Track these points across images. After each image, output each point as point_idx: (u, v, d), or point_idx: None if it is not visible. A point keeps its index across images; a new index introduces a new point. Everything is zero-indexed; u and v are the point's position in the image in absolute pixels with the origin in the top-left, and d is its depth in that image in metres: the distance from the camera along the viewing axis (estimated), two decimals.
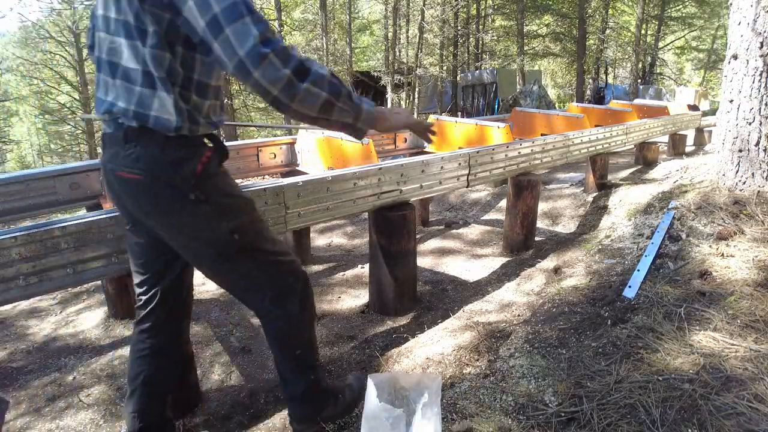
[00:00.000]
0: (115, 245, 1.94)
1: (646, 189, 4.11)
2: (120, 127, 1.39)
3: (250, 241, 1.54)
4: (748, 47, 2.94)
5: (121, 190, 1.45)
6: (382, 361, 2.40)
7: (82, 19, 16.05)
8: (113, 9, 1.33)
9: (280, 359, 1.73)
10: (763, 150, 2.94)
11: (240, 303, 3.01)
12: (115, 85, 1.38)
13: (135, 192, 1.42)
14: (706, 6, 19.43)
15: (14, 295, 1.79)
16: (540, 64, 23.67)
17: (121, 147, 1.40)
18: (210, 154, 1.46)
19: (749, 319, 1.95)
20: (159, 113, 1.35)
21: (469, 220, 4.78)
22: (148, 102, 1.35)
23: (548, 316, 2.45)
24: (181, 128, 1.37)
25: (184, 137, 1.40)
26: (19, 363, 2.75)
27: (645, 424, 1.51)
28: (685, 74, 29.45)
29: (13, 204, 2.72)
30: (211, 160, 1.46)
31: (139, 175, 1.39)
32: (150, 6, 1.27)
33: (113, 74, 1.38)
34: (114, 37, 1.35)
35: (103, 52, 1.40)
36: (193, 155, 1.42)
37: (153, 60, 1.31)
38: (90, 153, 16.99)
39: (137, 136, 1.38)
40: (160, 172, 1.38)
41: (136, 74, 1.34)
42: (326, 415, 1.78)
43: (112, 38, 1.36)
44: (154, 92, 1.34)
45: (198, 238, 1.48)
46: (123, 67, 1.36)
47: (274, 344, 1.70)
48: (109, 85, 1.40)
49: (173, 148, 1.39)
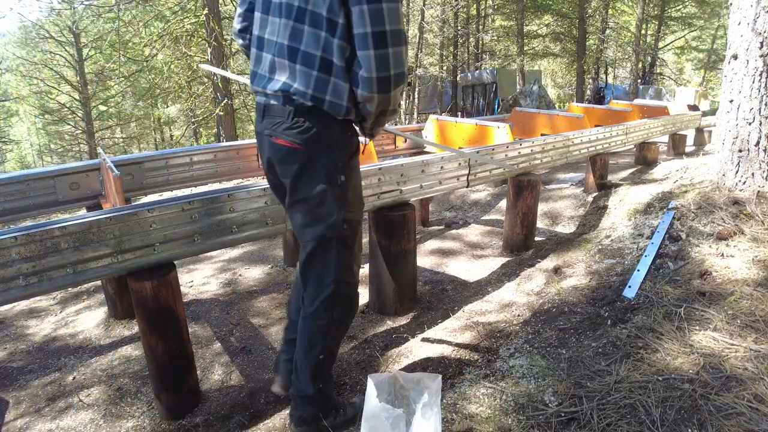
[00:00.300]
0: (115, 245, 1.94)
1: (646, 189, 4.11)
2: (291, 102, 1.54)
3: (348, 238, 1.69)
4: (748, 47, 2.94)
5: (274, 154, 1.63)
6: (382, 361, 2.40)
7: (82, 19, 16.04)
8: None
9: (302, 357, 1.77)
10: (763, 150, 2.94)
11: (240, 303, 2.99)
12: (292, 68, 1.53)
13: (287, 158, 1.60)
14: (706, 6, 19.43)
15: (14, 295, 1.79)
16: (540, 64, 23.67)
17: (286, 119, 1.56)
18: (358, 146, 1.65)
19: (749, 319, 1.95)
20: (333, 98, 1.52)
21: (469, 220, 4.78)
22: (323, 87, 1.51)
23: (548, 316, 2.45)
24: (349, 114, 1.56)
25: (347, 122, 1.60)
26: (19, 363, 2.75)
27: (645, 424, 1.51)
28: (685, 74, 29.45)
29: (13, 204, 2.72)
30: (357, 152, 1.65)
31: (299, 146, 1.56)
32: (344, 2, 1.41)
33: (291, 57, 1.52)
34: (296, 24, 1.49)
35: (276, 35, 1.55)
36: (348, 142, 1.62)
37: (338, 50, 1.47)
38: (90, 153, 16.97)
39: (307, 113, 1.54)
40: (319, 148, 1.56)
41: (314, 60, 1.49)
42: (326, 423, 1.80)
43: (293, 24, 1.49)
44: (329, 78, 1.50)
45: (315, 212, 1.62)
46: (303, 51, 1.50)
47: (305, 342, 1.76)
48: (284, 66, 1.54)
49: (336, 130, 1.58)
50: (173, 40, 10.69)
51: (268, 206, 2.34)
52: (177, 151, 3.32)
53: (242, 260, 4.07)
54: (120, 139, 21.55)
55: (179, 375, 2.14)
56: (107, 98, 19.28)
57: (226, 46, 10.59)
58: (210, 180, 3.47)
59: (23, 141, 28.25)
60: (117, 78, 16.93)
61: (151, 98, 17.93)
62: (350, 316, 1.81)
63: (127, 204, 2.29)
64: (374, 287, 2.96)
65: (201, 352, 2.67)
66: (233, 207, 2.23)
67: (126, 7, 11.58)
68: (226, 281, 3.65)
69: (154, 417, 2.20)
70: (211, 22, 9.64)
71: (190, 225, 2.12)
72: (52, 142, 22.91)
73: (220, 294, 3.42)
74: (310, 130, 1.55)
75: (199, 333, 2.88)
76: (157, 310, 2.01)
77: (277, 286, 3.50)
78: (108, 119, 20.08)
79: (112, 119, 20.42)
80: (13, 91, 21.63)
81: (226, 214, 2.21)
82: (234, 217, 2.24)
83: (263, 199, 2.32)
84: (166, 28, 10.80)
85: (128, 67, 15.43)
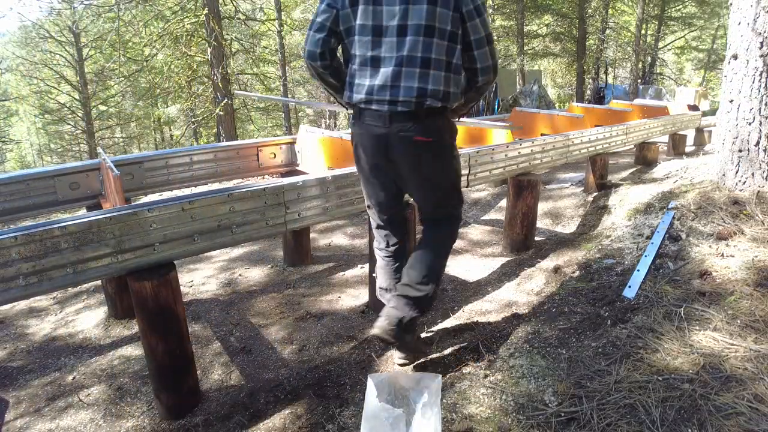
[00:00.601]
0: (115, 245, 1.94)
1: (646, 189, 4.11)
2: (420, 106, 1.90)
3: (457, 184, 2.23)
4: (748, 47, 2.94)
5: (407, 149, 1.96)
6: (382, 361, 2.40)
7: (82, 19, 16.05)
8: (423, 18, 1.84)
9: (423, 265, 2.12)
10: (763, 150, 2.94)
11: (240, 303, 3.01)
12: (425, 73, 1.88)
13: (422, 150, 1.97)
14: (706, 6, 19.42)
15: (14, 294, 1.79)
16: (540, 64, 23.65)
17: (417, 121, 1.92)
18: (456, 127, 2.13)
19: (749, 319, 1.95)
20: (455, 90, 1.97)
21: (469, 220, 4.78)
22: (450, 83, 1.93)
23: (548, 316, 2.45)
24: (458, 100, 2.04)
25: (452, 111, 2.07)
26: (19, 363, 2.75)
27: (645, 424, 1.51)
28: (685, 74, 29.44)
29: (13, 204, 2.72)
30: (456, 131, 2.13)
31: (430, 138, 1.95)
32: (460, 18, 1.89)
33: (424, 65, 1.88)
34: (425, 38, 1.86)
35: (396, 51, 1.88)
36: (453, 126, 2.09)
37: (457, 53, 1.93)
38: (90, 153, 16.97)
39: (435, 112, 1.94)
40: (443, 136, 2.02)
41: (443, 64, 1.90)
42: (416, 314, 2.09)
43: (423, 39, 1.86)
44: (452, 76, 1.94)
45: (440, 177, 2.10)
46: (435, 59, 1.88)
47: (430, 251, 2.17)
48: (414, 73, 1.88)
49: (448, 119, 2.04)
50: (173, 39, 10.69)
51: (268, 206, 2.34)
52: (177, 150, 3.32)
53: (242, 260, 4.07)
54: (120, 139, 21.55)
55: (179, 375, 2.14)
56: (107, 98, 19.27)
57: (226, 45, 10.60)
58: (210, 180, 3.47)
59: (23, 141, 28.25)
60: (117, 78, 16.93)
61: (151, 98, 17.94)
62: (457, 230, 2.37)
63: (127, 204, 2.29)
64: (374, 287, 2.95)
65: (201, 352, 2.67)
66: (233, 207, 2.23)
67: (126, 7, 11.58)
68: (226, 281, 3.65)
69: (154, 417, 2.20)
70: (211, 22, 9.64)
71: (190, 225, 2.12)
72: (52, 141, 22.91)
73: (220, 294, 3.42)
74: (437, 125, 1.96)
75: (199, 333, 2.88)
76: (157, 310, 2.01)
77: (277, 286, 3.50)
78: (108, 119, 20.07)
79: (112, 119, 20.41)
80: (13, 91, 21.63)
81: (226, 214, 2.22)
82: (234, 217, 2.24)
83: (263, 199, 2.32)
84: (166, 27, 10.80)
85: (128, 66, 15.43)
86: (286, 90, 12.42)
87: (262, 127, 19.39)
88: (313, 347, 2.65)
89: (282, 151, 3.74)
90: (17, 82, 20.91)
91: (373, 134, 1.97)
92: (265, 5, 14.81)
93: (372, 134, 1.98)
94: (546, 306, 2.59)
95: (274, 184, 2.36)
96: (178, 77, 12.29)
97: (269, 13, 14.28)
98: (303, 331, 2.83)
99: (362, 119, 1.99)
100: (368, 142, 2.01)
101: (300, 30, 17.24)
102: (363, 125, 2.00)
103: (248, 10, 13.99)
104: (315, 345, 2.67)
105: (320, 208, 2.55)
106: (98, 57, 17.34)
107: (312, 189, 2.49)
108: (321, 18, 1.95)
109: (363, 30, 1.92)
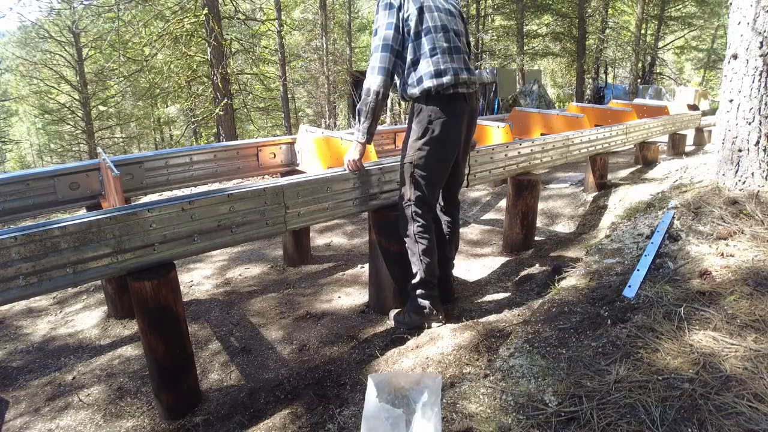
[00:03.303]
0: (114, 245, 1.94)
1: (645, 189, 4.11)
2: (473, 87, 2.48)
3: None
4: (748, 47, 2.94)
5: (473, 125, 2.61)
6: (382, 361, 2.40)
7: (81, 19, 16.03)
8: (458, 24, 2.50)
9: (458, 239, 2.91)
10: (762, 150, 2.93)
11: (240, 303, 3.01)
12: (468, 63, 2.49)
13: (475, 124, 2.63)
14: (706, 6, 19.41)
15: (14, 294, 1.79)
16: (540, 64, 23.64)
17: (475, 100, 2.55)
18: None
19: (749, 319, 1.95)
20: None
21: (468, 220, 4.78)
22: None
23: (548, 315, 2.45)
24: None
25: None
26: (19, 363, 2.75)
27: (645, 424, 1.51)
28: (685, 74, 29.44)
29: (13, 204, 2.72)
30: None
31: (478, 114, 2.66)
32: (464, 23, 2.60)
33: (468, 57, 2.51)
34: (463, 39, 2.52)
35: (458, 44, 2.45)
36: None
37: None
38: (90, 153, 16.96)
39: (475, 92, 2.55)
40: (478, 111, 2.65)
41: (469, 57, 2.55)
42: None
43: (462, 39, 2.50)
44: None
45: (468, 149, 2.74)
46: (467, 53, 2.53)
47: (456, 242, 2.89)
48: (466, 62, 2.47)
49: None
50: (173, 39, 10.68)
51: (267, 206, 2.34)
52: (177, 151, 3.32)
53: (242, 260, 4.07)
54: (120, 138, 21.52)
55: (179, 375, 2.14)
56: (107, 98, 19.26)
57: (226, 45, 10.59)
58: (210, 180, 3.47)
59: (23, 141, 28.25)
60: (117, 78, 16.91)
61: (151, 98, 17.93)
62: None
63: (127, 204, 2.29)
64: (374, 287, 2.96)
65: (201, 352, 2.68)
66: (233, 207, 2.23)
67: (126, 7, 11.58)
68: (226, 281, 3.65)
69: (153, 417, 2.20)
70: (211, 22, 9.63)
71: (189, 225, 2.12)
72: (52, 142, 22.89)
73: (220, 294, 3.42)
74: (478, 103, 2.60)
75: (199, 333, 2.88)
76: (157, 310, 2.01)
77: (276, 285, 3.50)
78: (108, 119, 20.06)
79: (112, 119, 20.40)
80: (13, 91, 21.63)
81: (226, 214, 2.21)
82: (234, 217, 2.24)
83: (263, 199, 2.32)
84: (165, 27, 10.79)
85: (128, 67, 15.41)
86: (286, 90, 12.41)
87: (262, 127, 19.36)
88: (313, 347, 2.65)
89: (282, 151, 3.74)
90: (17, 82, 20.91)
91: (459, 113, 2.44)
92: (265, 5, 14.80)
93: (459, 113, 2.44)
94: (546, 306, 2.59)
95: (274, 184, 2.36)
96: (178, 77, 12.27)
97: (269, 13, 14.26)
98: (303, 331, 2.83)
99: (446, 102, 2.38)
100: (455, 121, 2.43)
101: (300, 30, 17.25)
102: (449, 107, 2.40)
103: (248, 10, 13.97)
104: (315, 345, 2.67)
105: (320, 208, 2.55)
106: (98, 57, 17.33)
107: (312, 189, 2.49)
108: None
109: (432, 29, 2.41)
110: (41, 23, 17.04)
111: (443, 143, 2.42)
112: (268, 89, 14.69)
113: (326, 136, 3.46)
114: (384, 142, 4.32)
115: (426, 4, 2.37)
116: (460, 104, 2.43)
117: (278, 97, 13.82)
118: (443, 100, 2.37)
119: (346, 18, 17.03)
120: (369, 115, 2.38)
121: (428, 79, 2.33)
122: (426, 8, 2.35)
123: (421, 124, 2.39)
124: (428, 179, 2.46)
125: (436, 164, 2.45)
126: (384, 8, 2.34)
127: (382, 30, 2.33)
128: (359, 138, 2.44)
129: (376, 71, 2.31)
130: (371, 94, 2.34)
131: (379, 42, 2.32)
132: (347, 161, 2.56)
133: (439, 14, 2.38)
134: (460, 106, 2.43)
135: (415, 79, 2.36)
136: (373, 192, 2.73)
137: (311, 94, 19.25)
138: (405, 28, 2.35)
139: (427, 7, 2.37)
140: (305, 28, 17.30)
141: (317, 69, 16.10)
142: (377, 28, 2.36)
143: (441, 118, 2.37)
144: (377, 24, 2.36)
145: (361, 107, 2.38)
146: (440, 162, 2.47)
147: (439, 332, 2.53)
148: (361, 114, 2.40)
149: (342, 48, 16.89)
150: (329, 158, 3.43)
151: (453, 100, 2.39)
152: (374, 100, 2.34)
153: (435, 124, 2.37)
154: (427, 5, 2.37)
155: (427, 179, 2.46)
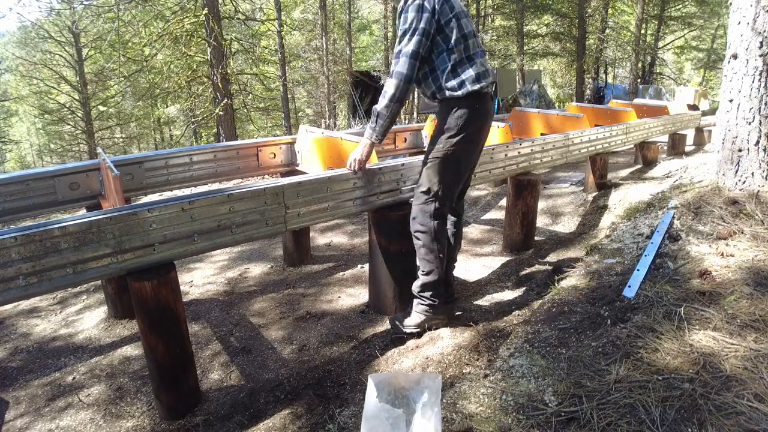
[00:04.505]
0: (114, 245, 1.94)
1: (645, 189, 4.11)
2: (491, 87, 2.50)
3: None
4: (747, 47, 2.94)
5: (490, 125, 2.64)
6: (382, 361, 2.40)
7: (81, 19, 16.04)
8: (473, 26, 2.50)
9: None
10: (762, 149, 2.93)
11: (240, 303, 3.01)
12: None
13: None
14: (706, 6, 19.41)
15: (14, 295, 1.79)
16: (540, 64, 23.63)
17: (492, 100, 2.54)
18: None
19: (749, 319, 1.95)
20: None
21: (468, 220, 4.78)
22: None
23: (548, 315, 2.45)
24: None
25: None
26: (19, 363, 2.75)
27: (645, 424, 1.51)
28: (685, 74, 29.43)
29: (13, 204, 2.72)
30: None
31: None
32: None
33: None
34: (477, 39, 2.51)
35: (480, 47, 2.51)
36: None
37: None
38: (90, 153, 16.96)
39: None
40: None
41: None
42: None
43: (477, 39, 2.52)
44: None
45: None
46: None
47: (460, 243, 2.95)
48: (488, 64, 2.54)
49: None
50: (173, 40, 10.68)
51: (267, 206, 2.34)
52: (177, 151, 3.31)
53: (242, 260, 4.07)
54: (120, 139, 21.53)
55: (179, 375, 2.14)
56: (107, 98, 19.26)
57: (226, 45, 10.59)
58: (210, 180, 3.47)
59: (23, 141, 28.25)
60: (117, 78, 16.92)
61: (150, 98, 17.92)
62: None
63: (127, 204, 2.29)
64: (374, 287, 2.96)
65: (201, 352, 2.68)
66: (233, 207, 2.23)
67: (126, 7, 11.58)
68: (226, 281, 3.65)
69: (154, 417, 2.20)
70: (211, 22, 9.63)
71: (189, 225, 2.12)
72: (52, 142, 22.90)
73: (220, 294, 3.42)
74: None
75: (199, 333, 2.88)
76: (157, 310, 2.01)
77: (276, 285, 3.50)
78: (108, 119, 20.06)
79: (112, 119, 20.40)
80: (13, 91, 21.64)
81: (225, 214, 2.21)
82: (234, 217, 2.24)
83: (263, 199, 2.32)
84: (165, 28, 10.79)
85: (128, 67, 15.42)
86: (286, 90, 12.40)
87: (261, 127, 19.35)
88: (313, 347, 2.65)
89: (282, 151, 3.74)
90: (17, 82, 20.91)
91: (490, 113, 2.53)
92: (265, 5, 14.81)
93: (490, 113, 2.53)
94: (546, 306, 2.59)
95: (274, 184, 2.36)
96: (178, 77, 12.28)
97: (269, 13, 14.26)
98: (303, 331, 2.83)
99: (482, 102, 2.45)
100: (487, 121, 2.54)
101: (300, 30, 17.24)
102: (484, 107, 2.47)
103: (248, 10, 13.96)
104: (315, 345, 2.67)
105: (320, 208, 2.55)
106: (98, 57, 17.34)
107: (312, 189, 2.49)
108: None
109: (465, 32, 2.44)
110: (41, 23, 17.04)
111: (476, 142, 2.52)
112: (268, 89, 14.70)
113: (326, 136, 3.45)
114: (384, 141, 4.31)
115: (458, 10, 2.38)
116: (490, 105, 2.53)
117: (278, 97, 13.82)
118: (481, 101, 2.45)
119: (345, 18, 17.03)
120: (388, 119, 2.38)
121: (471, 83, 2.38)
122: (461, 14, 2.38)
123: (458, 123, 2.40)
124: (455, 176, 2.51)
125: (465, 161, 2.53)
126: (415, 10, 2.27)
127: (412, 35, 2.28)
128: (373, 137, 2.43)
129: (404, 79, 2.30)
130: (395, 100, 2.33)
131: (409, 48, 2.28)
132: (352, 159, 2.54)
133: (467, 20, 2.43)
134: (490, 107, 2.53)
135: (456, 82, 2.38)
136: (374, 192, 2.73)
137: (311, 94, 19.24)
138: (441, 33, 2.34)
139: (462, 13, 2.40)
140: (305, 28, 17.29)
141: (317, 69, 16.08)
142: (407, 29, 2.29)
143: (477, 118, 2.44)
144: (407, 25, 2.29)
145: (382, 110, 2.36)
146: (470, 159, 2.56)
147: (439, 332, 2.53)
148: (380, 117, 2.37)
149: (342, 48, 16.88)
150: (329, 158, 3.43)
151: (486, 102, 2.49)
152: (397, 106, 2.35)
153: (471, 123, 2.42)
154: (460, 11, 2.39)
155: (454, 176, 2.50)
